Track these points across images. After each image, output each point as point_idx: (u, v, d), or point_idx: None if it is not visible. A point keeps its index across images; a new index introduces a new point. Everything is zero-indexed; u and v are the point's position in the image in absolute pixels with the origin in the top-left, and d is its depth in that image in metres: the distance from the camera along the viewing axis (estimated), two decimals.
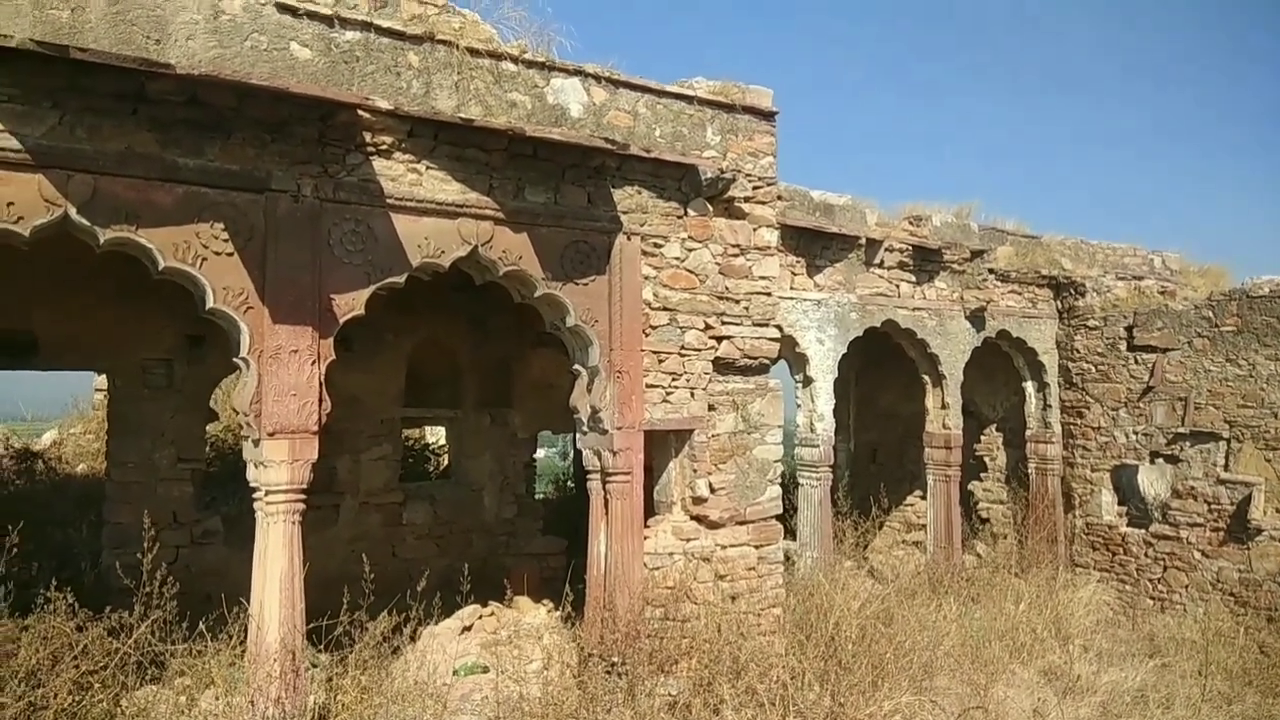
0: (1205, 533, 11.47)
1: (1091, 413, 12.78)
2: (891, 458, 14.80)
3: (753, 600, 7.18)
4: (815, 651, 6.67)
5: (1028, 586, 10.56)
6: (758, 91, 7.48)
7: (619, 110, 6.76)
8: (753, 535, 7.28)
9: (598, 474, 6.74)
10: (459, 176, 6.08)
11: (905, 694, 6.53)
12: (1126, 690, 7.87)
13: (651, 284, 6.89)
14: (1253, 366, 11.11)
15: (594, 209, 6.63)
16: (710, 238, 7.21)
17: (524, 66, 6.35)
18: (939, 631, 8.39)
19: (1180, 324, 11.82)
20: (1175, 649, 9.18)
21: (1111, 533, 12.55)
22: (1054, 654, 8.78)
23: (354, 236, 5.70)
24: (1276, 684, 7.89)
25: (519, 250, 6.29)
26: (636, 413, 6.69)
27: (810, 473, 10.60)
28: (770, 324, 7.58)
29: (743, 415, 7.38)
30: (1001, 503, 13.69)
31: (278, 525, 5.41)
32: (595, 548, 6.73)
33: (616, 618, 6.36)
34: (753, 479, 7.36)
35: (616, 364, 6.63)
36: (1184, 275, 14.19)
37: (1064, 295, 13.02)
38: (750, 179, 7.41)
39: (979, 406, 13.88)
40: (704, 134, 7.17)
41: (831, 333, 10.66)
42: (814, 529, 10.41)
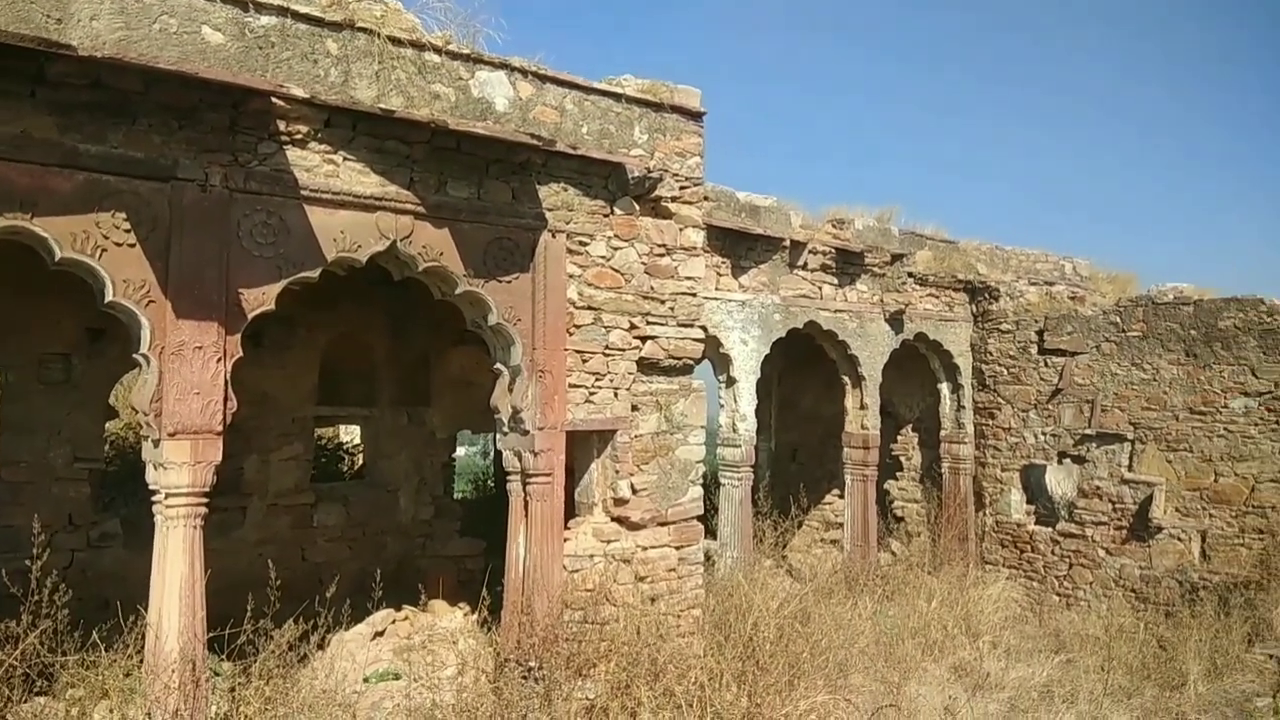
0: (1109, 531, 11.92)
1: (1003, 414, 13.15)
2: (812, 457, 15.01)
3: (673, 601, 7.17)
4: (734, 652, 6.69)
5: (940, 584, 10.82)
6: (686, 91, 7.45)
7: (546, 106, 6.65)
8: (674, 536, 7.27)
9: (518, 475, 6.63)
10: (378, 169, 5.90)
11: (821, 693, 6.61)
12: (1033, 686, 8.10)
13: (576, 283, 6.81)
14: (1156, 371, 11.57)
15: (518, 205, 6.51)
16: (636, 237, 7.16)
17: (448, 58, 6.19)
18: (854, 630, 8.53)
19: (1089, 329, 12.25)
20: (1080, 645, 9.50)
21: (1020, 531, 12.95)
22: (964, 650, 9.01)
23: (265, 229, 5.47)
24: (1174, 678, 8.20)
25: (440, 246, 6.14)
26: (559, 413, 6.60)
27: (732, 473, 10.66)
28: (695, 324, 7.57)
29: (666, 416, 7.35)
30: (916, 501, 14.00)
31: (178, 529, 5.17)
32: (514, 550, 6.62)
33: (534, 621, 6.27)
34: (675, 480, 7.35)
35: (539, 363, 6.53)
36: (1093, 281, 14.71)
37: (979, 299, 13.37)
38: (677, 179, 7.38)
39: (896, 407, 14.17)
40: (631, 132, 7.11)
41: (755, 333, 10.74)
42: (735, 529, 10.48)
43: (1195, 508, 11.15)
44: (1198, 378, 11.17)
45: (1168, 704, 7.65)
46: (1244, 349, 10.80)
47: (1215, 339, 11.03)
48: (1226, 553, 10.82)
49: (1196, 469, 11.16)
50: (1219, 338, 11.00)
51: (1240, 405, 10.83)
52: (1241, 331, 10.82)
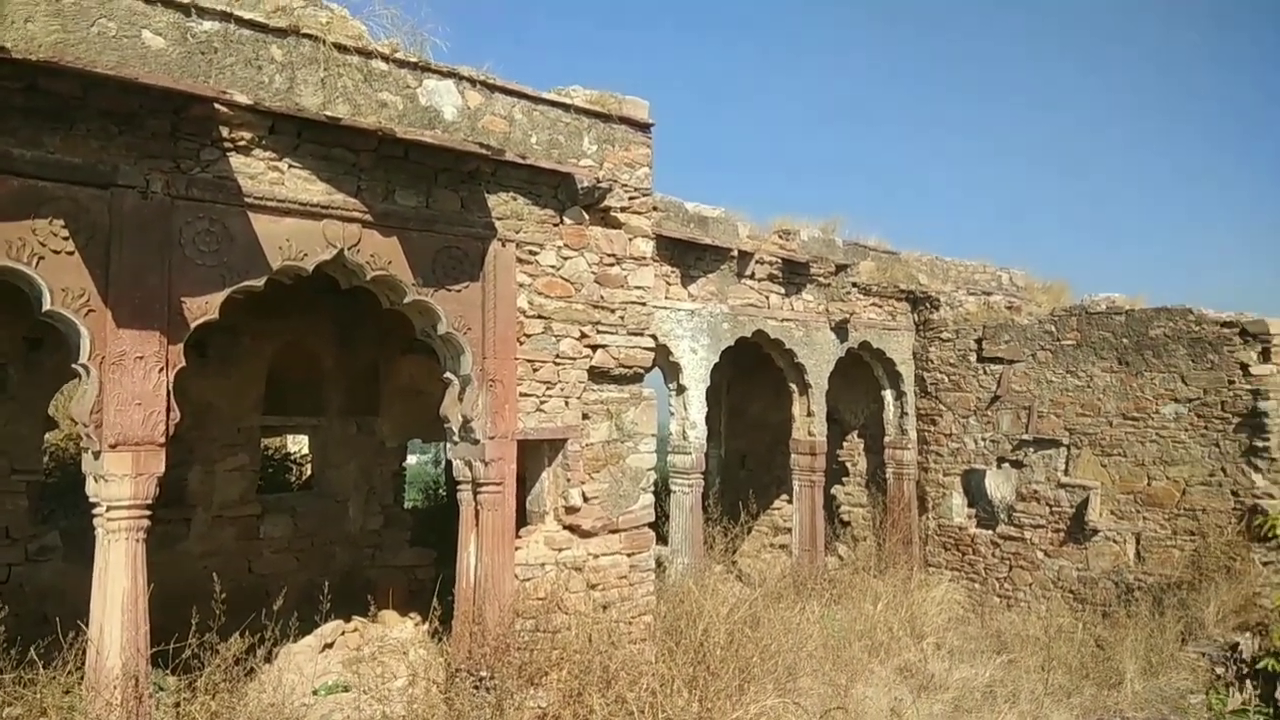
0: (1047, 533, 12.24)
1: (944, 420, 13.44)
2: (760, 464, 15.16)
3: (624, 608, 7.20)
4: (685, 658, 6.74)
5: (885, 587, 11.01)
6: (634, 103, 7.52)
7: (494, 115, 6.66)
8: (625, 544, 7.30)
9: (469, 484, 6.61)
10: (324, 176, 5.86)
11: (770, 697, 6.69)
12: (976, 686, 8.29)
13: (526, 292, 6.82)
14: (1090, 378, 11.92)
15: (468, 214, 6.51)
16: (586, 246, 7.20)
17: (395, 66, 6.17)
18: (803, 633, 8.64)
19: (1025, 337, 12.58)
20: (1020, 645, 9.73)
21: (962, 534, 13.24)
22: (909, 652, 9.17)
23: (208, 236, 5.40)
24: (1112, 676, 8.45)
25: (388, 254, 6.11)
26: (509, 422, 6.60)
27: (682, 480, 10.74)
28: (645, 333, 7.63)
29: (617, 424, 7.39)
30: (862, 506, 14.23)
31: (120, 543, 5.06)
32: (465, 559, 6.60)
33: (486, 631, 6.25)
34: (626, 487, 7.39)
35: (489, 372, 6.53)
36: (1029, 291, 15.12)
37: (921, 309, 13.66)
38: (626, 189, 7.44)
39: (842, 414, 14.39)
40: (581, 143, 7.16)
41: (704, 342, 10.84)
42: (685, 535, 10.55)
43: (1129, 511, 11.50)
44: (1130, 385, 11.54)
45: (1106, 702, 7.88)
46: (1174, 357, 11.18)
47: (1146, 347, 11.42)
48: (1160, 554, 11.18)
49: (1130, 473, 11.52)
50: (1150, 346, 11.38)
51: (1171, 411, 11.21)
52: (1171, 340, 11.21)
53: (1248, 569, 10.23)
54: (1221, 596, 9.86)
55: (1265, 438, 10.44)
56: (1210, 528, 10.72)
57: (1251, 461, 10.56)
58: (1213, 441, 10.85)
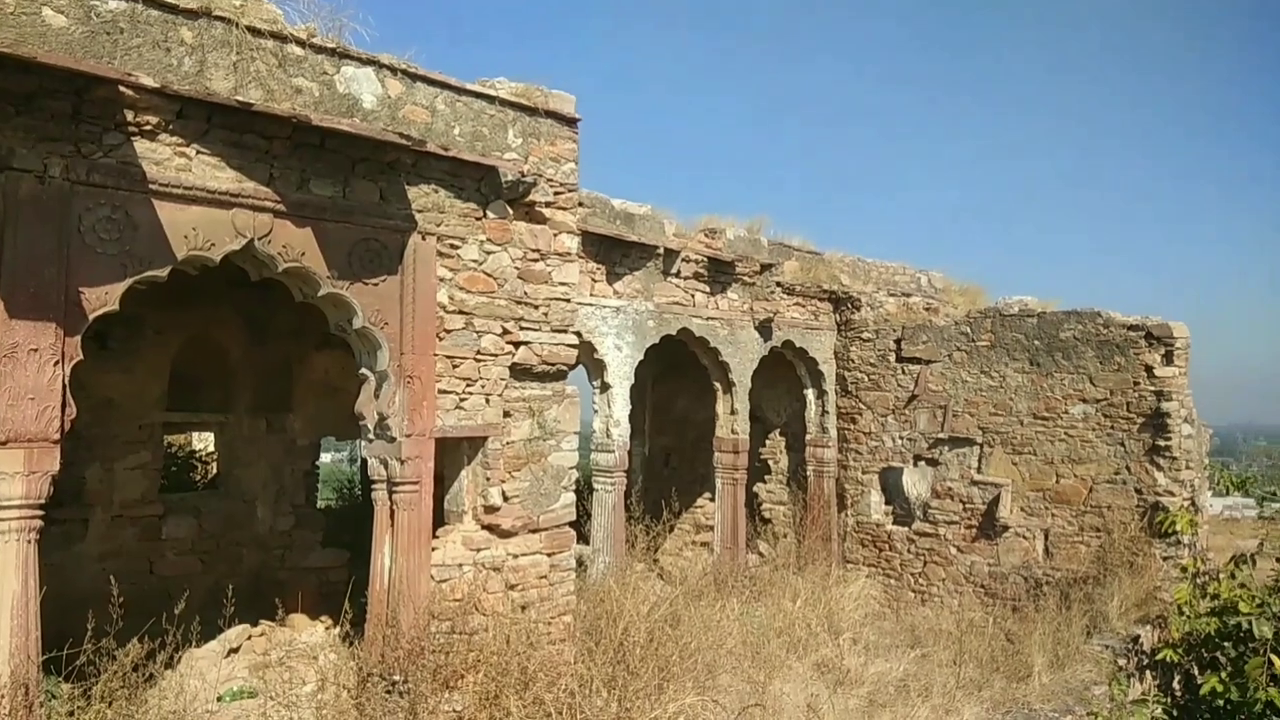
0: (960, 530, 12.57)
1: (864, 419, 13.68)
2: (684, 462, 15.22)
3: (544, 609, 7.12)
4: (604, 657, 6.70)
5: (805, 583, 11.15)
6: (560, 96, 7.43)
7: (416, 105, 6.50)
8: (546, 543, 7.22)
9: (384, 484, 6.45)
10: (235, 164, 5.63)
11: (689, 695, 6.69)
12: (891, 681, 8.45)
13: (447, 286, 6.68)
14: (1003, 378, 12.27)
15: (387, 206, 6.34)
16: (510, 241, 7.09)
17: (312, 51, 5.97)
18: (723, 631, 8.69)
19: (942, 338, 12.88)
20: (934, 639, 9.97)
21: (879, 530, 13.50)
22: (827, 648, 9.30)
23: (110, 224, 5.14)
24: (1020, 669, 8.69)
25: (302, 245, 5.91)
26: (427, 420, 6.46)
27: (605, 478, 10.70)
28: (569, 330, 7.55)
29: (539, 422, 7.30)
30: (783, 504, 14.40)
31: (10, 545, 4.78)
32: (379, 561, 6.43)
33: (400, 633, 6.10)
34: (547, 486, 7.30)
35: (407, 369, 6.37)
36: (946, 293, 15.50)
37: (842, 309, 13.88)
38: (552, 184, 7.35)
39: (765, 412, 14.53)
40: (505, 136, 7.04)
41: (629, 340, 10.81)
42: (607, 534, 10.51)
43: (1039, 507, 11.87)
44: (1041, 385, 11.91)
45: (1015, 694, 8.10)
46: (1083, 359, 11.58)
47: (1057, 349, 11.79)
48: (1067, 550, 11.57)
49: (1040, 471, 11.89)
50: (1060, 348, 11.76)
51: (1079, 411, 11.60)
52: (1080, 342, 11.60)
53: (1149, 564, 10.66)
54: (1125, 591, 10.24)
55: (1167, 437, 10.88)
56: (1115, 524, 11.14)
57: (1154, 460, 10.99)
58: (1118, 441, 11.26)
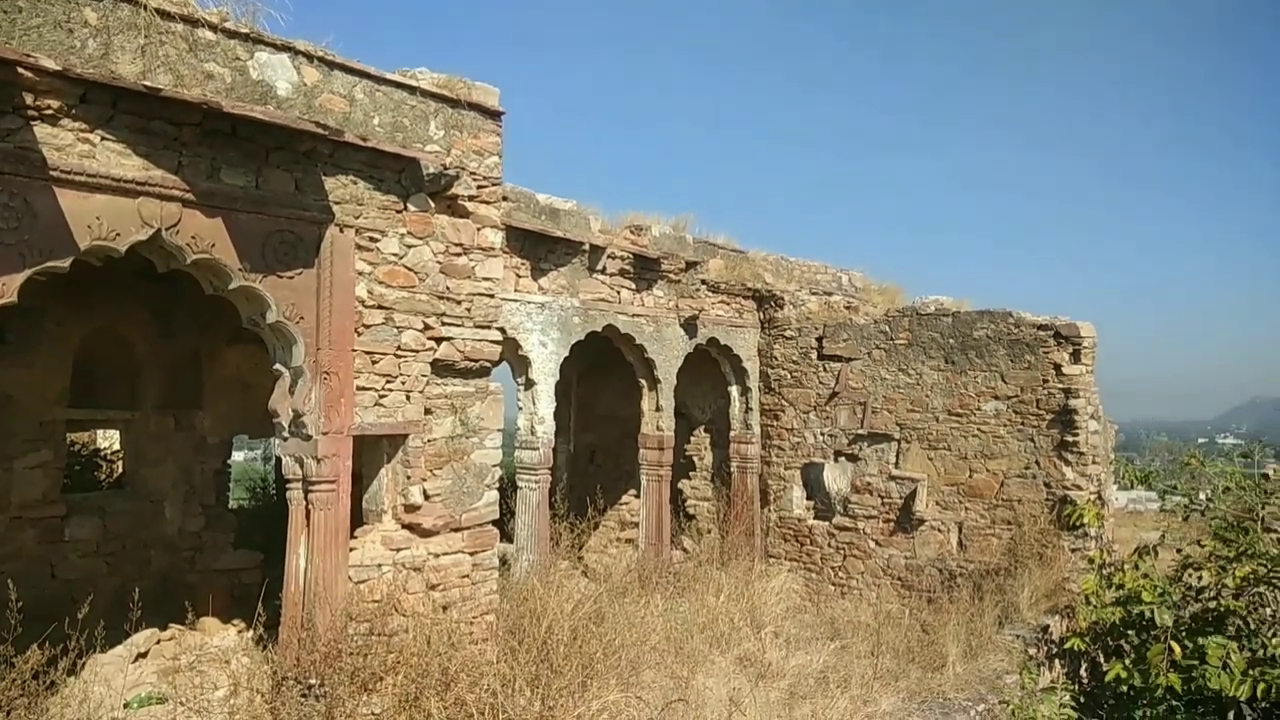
0: (879, 524, 12.83)
1: (786, 415, 13.86)
2: (609, 458, 15.20)
3: (466, 609, 7.02)
4: (528, 656, 6.65)
5: (728, 578, 11.24)
6: (484, 89, 7.33)
7: (334, 94, 6.34)
8: (468, 542, 7.12)
9: (299, 483, 6.27)
10: (141, 151, 5.41)
11: (613, 692, 6.68)
12: (811, 673, 8.56)
13: (366, 280, 6.53)
14: (920, 376, 12.56)
15: (302, 197, 6.17)
16: (432, 235, 6.97)
17: (225, 36, 5.77)
18: (647, 627, 8.70)
19: (862, 336, 13.12)
20: (853, 632, 10.14)
21: (801, 525, 13.70)
22: (749, 642, 9.39)
23: (7, 212, 4.89)
24: (936, 659, 8.90)
25: (212, 237, 5.71)
26: (345, 417, 6.30)
27: (530, 475, 10.61)
28: (493, 326, 7.46)
29: (462, 419, 7.20)
30: (707, 500, 14.50)
31: None
32: (294, 562, 6.26)
33: (316, 636, 5.95)
34: (470, 484, 7.20)
35: (324, 364, 6.21)
36: (866, 292, 15.80)
37: (766, 307, 14.03)
38: (475, 177, 7.24)
39: (690, 409, 14.61)
40: (427, 127, 6.91)
41: (555, 336, 10.74)
42: (531, 532, 10.43)
43: (953, 501, 12.20)
44: (955, 383, 12.23)
45: (930, 684, 8.29)
46: (995, 357, 11.93)
47: (970, 347, 12.12)
48: (980, 542, 11.91)
49: (954, 466, 12.21)
50: (974, 346, 12.09)
51: (991, 408, 11.95)
52: (993, 341, 11.95)
53: (1058, 556, 11.04)
54: (1035, 582, 10.58)
55: (1075, 433, 11.27)
56: (1025, 517, 11.50)
57: (1062, 455, 11.38)
58: (1028, 437, 11.63)
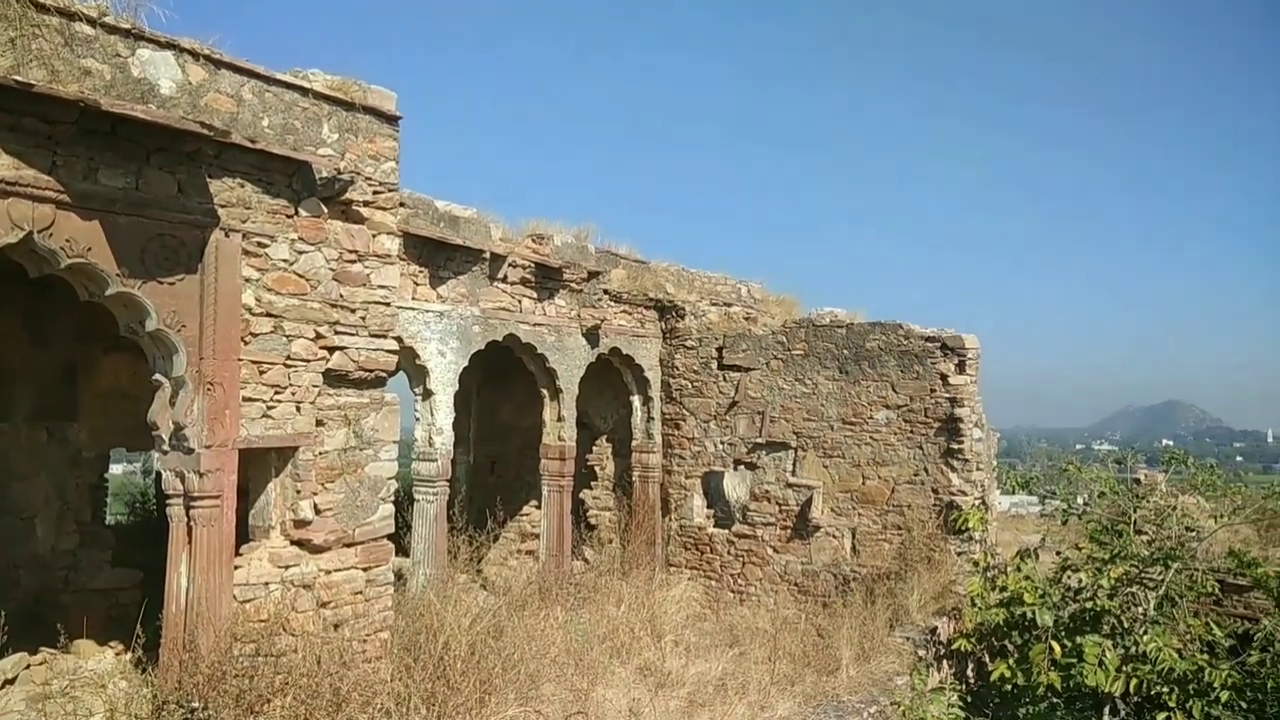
0: (776, 531, 13.07)
1: (687, 424, 13.99)
2: (510, 469, 15.05)
3: (359, 626, 6.83)
4: (423, 673, 6.52)
5: (629, 588, 11.26)
6: (380, 92, 7.18)
7: (221, 94, 6.11)
8: (361, 557, 6.94)
9: (180, 498, 6.01)
10: (12, 149, 5.11)
11: (512, 707, 6.62)
12: (710, 680, 8.64)
13: (254, 287, 6.31)
14: (815, 386, 12.85)
15: (186, 199, 5.92)
16: (324, 241, 6.78)
17: (104, 31, 5.51)
18: (547, 640, 8.64)
19: (760, 347, 13.36)
20: (751, 638, 10.28)
21: (701, 533, 13.83)
22: (649, 651, 9.41)
23: None
24: (830, 663, 9.09)
25: (88, 240, 5.43)
26: (230, 429, 6.06)
27: (427, 488, 10.41)
28: (389, 335, 7.30)
29: (355, 431, 7.02)
30: (609, 510, 14.50)
31: None
32: (175, 581, 5.98)
33: (199, 658, 5.71)
34: (364, 498, 7.02)
35: (208, 374, 5.96)
36: (765, 304, 16.08)
37: (668, 317, 14.15)
38: (371, 183, 7.09)
39: (592, 419, 14.60)
40: (320, 130, 6.73)
41: (454, 345, 10.58)
42: (428, 545, 10.23)
43: (847, 508, 12.52)
44: (849, 392, 12.57)
45: (825, 688, 8.47)
46: (886, 367, 12.30)
47: (863, 358, 12.48)
48: (872, 547, 12.25)
49: (848, 473, 12.54)
50: (866, 357, 12.45)
51: (883, 417, 12.32)
52: (884, 352, 12.33)
53: (945, 559, 11.44)
54: (923, 585, 10.94)
55: (960, 441, 11.72)
56: (915, 522, 11.89)
57: (949, 462, 11.81)
58: (917, 444, 12.04)
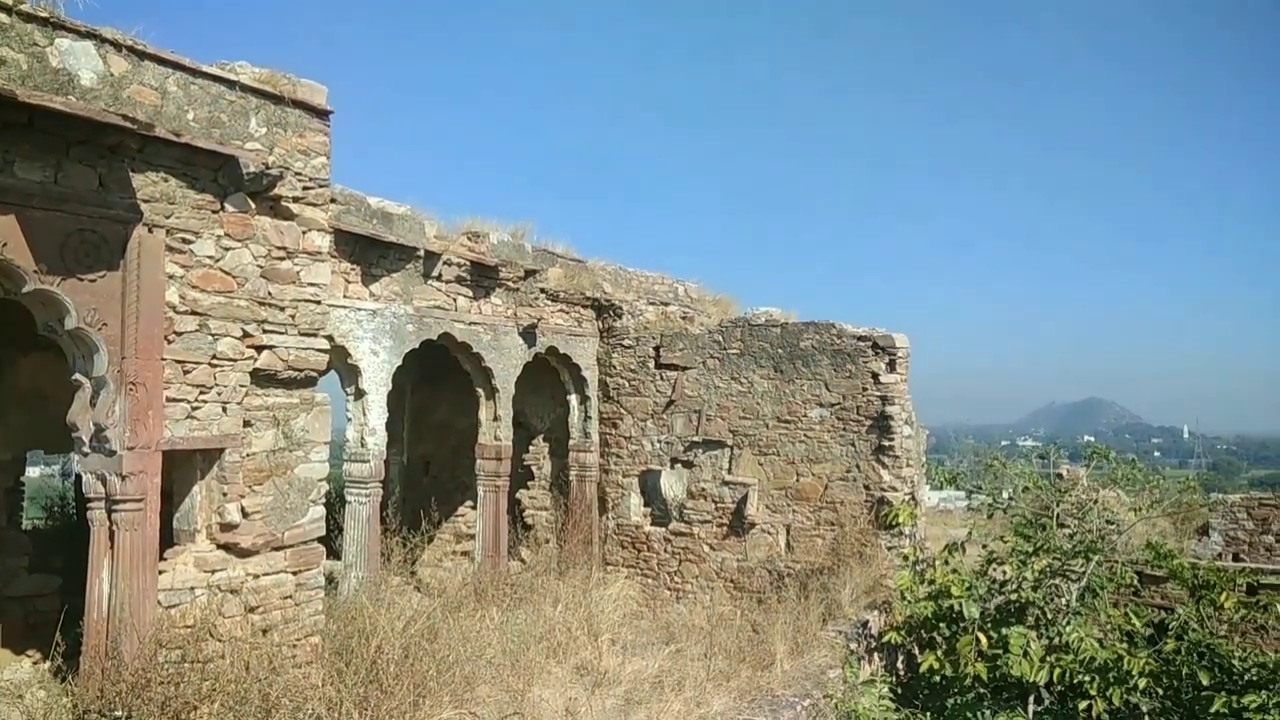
0: (713, 528, 13.17)
1: (625, 423, 14.02)
2: (445, 470, 14.90)
3: (289, 631, 6.70)
4: (356, 678, 6.42)
5: (566, 588, 11.23)
6: (310, 86, 7.05)
7: (144, 85, 5.94)
8: (291, 561, 6.80)
9: (102, 501, 5.83)
10: None
11: (447, 709, 6.56)
12: (647, 678, 8.67)
13: (178, 284, 6.14)
14: (751, 384, 12.99)
15: (107, 194, 5.74)
16: (252, 237, 6.63)
17: (20, 20, 5.33)
18: (483, 641, 8.57)
19: (697, 346, 13.45)
20: (687, 635, 10.34)
21: (638, 532, 13.87)
22: (586, 650, 9.41)
23: None
24: (765, 658, 9.19)
25: (3, 235, 5.24)
26: (154, 431, 5.90)
27: (359, 489, 10.25)
28: (319, 334, 7.17)
29: (284, 432, 6.88)
30: (546, 509, 14.45)
31: None
32: (97, 587, 5.80)
33: (122, 665, 5.55)
34: (293, 500, 6.89)
35: (130, 374, 5.79)
36: (701, 303, 16.20)
37: (605, 316, 14.15)
38: (300, 178, 6.95)
39: (529, 418, 14.53)
40: (247, 124, 6.58)
41: (387, 344, 10.43)
42: (361, 548, 10.07)
43: (782, 504, 12.68)
44: (784, 390, 12.73)
45: (760, 683, 8.56)
46: (820, 366, 12.49)
47: (798, 357, 12.65)
48: (806, 543, 12.43)
49: (783, 470, 12.70)
50: (801, 356, 12.63)
51: (817, 415, 12.50)
52: (818, 351, 12.52)
53: (876, 554, 11.67)
54: (856, 579, 11.13)
55: (891, 438, 11.96)
56: (847, 518, 12.10)
57: (880, 459, 12.04)
58: (850, 441, 12.25)
